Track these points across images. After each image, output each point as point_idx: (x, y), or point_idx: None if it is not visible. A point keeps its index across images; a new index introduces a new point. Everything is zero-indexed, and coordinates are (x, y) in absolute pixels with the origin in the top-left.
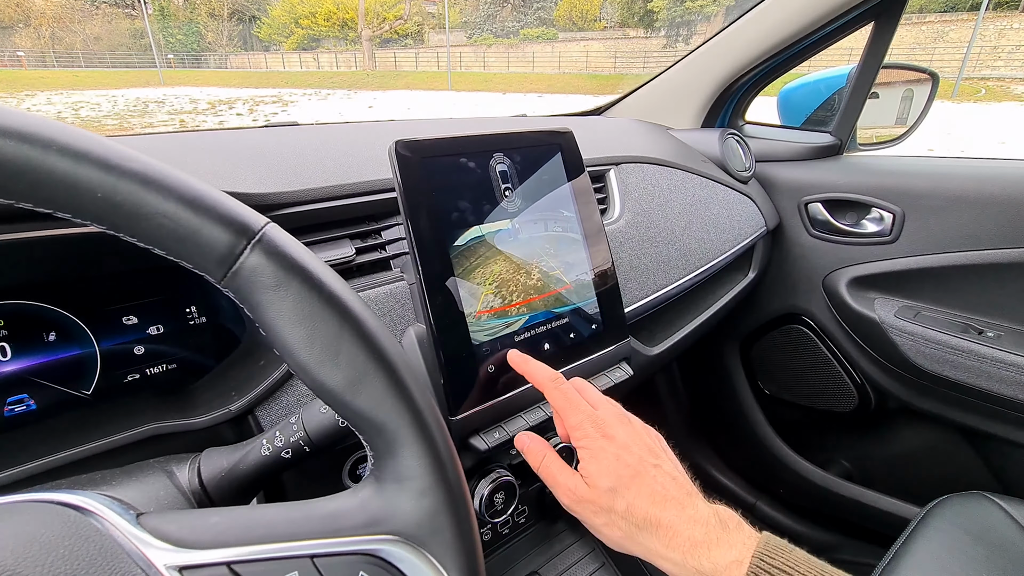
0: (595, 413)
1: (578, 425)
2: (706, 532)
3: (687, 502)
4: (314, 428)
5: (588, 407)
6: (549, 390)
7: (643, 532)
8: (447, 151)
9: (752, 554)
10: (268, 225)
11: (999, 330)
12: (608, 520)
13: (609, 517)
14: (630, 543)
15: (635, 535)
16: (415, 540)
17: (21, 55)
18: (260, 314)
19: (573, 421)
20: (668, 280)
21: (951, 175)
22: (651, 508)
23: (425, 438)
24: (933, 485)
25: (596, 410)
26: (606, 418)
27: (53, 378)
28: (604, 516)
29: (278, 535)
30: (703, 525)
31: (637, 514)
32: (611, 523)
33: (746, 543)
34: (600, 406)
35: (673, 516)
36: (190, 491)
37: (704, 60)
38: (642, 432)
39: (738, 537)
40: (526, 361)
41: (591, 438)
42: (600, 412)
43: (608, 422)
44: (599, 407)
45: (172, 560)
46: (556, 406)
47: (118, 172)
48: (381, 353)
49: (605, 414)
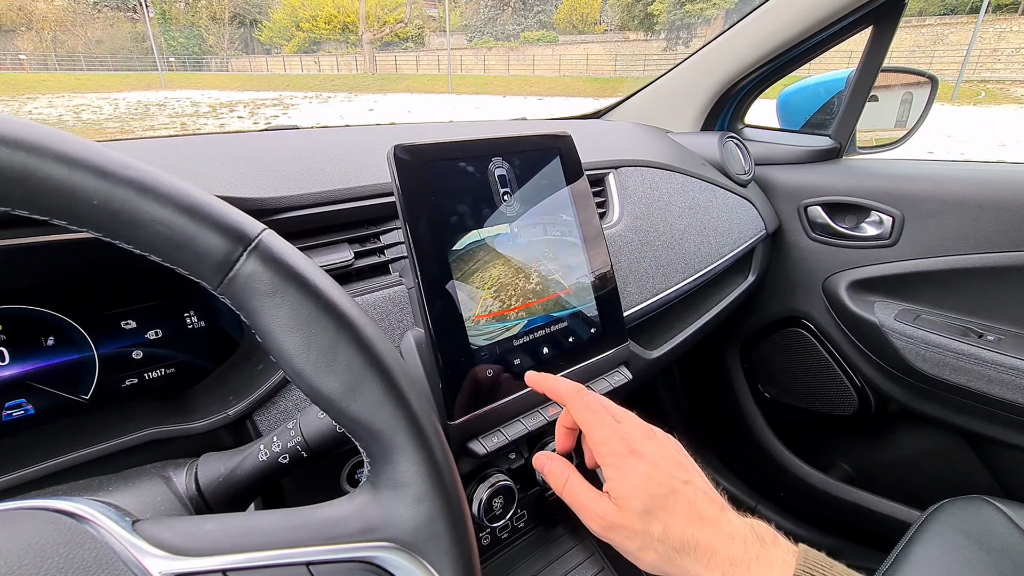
0: (620, 427)
1: (605, 440)
2: (745, 550)
3: (722, 519)
4: (312, 434)
5: (613, 420)
6: (574, 402)
7: (681, 554)
8: (446, 155)
9: (793, 572)
10: (264, 232)
11: (999, 333)
12: (644, 544)
13: (645, 541)
14: (668, 566)
15: (673, 558)
16: (411, 547)
17: (23, 58)
18: (256, 321)
19: (599, 436)
20: (667, 284)
21: (951, 178)
22: (688, 528)
23: (422, 445)
24: (934, 489)
25: (620, 424)
26: (632, 432)
27: (51, 383)
28: (639, 540)
29: (274, 542)
30: (741, 542)
31: (674, 536)
32: (646, 547)
33: (786, 559)
34: (623, 419)
35: (710, 535)
36: (187, 497)
37: (703, 64)
38: (667, 445)
39: (777, 553)
40: (544, 378)
41: (620, 455)
42: (625, 426)
43: (635, 437)
44: (622, 420)
45: (168, 568)
46: (581, 419)
47: (114, 179)
48: (378, 360)
49: (631, 428)
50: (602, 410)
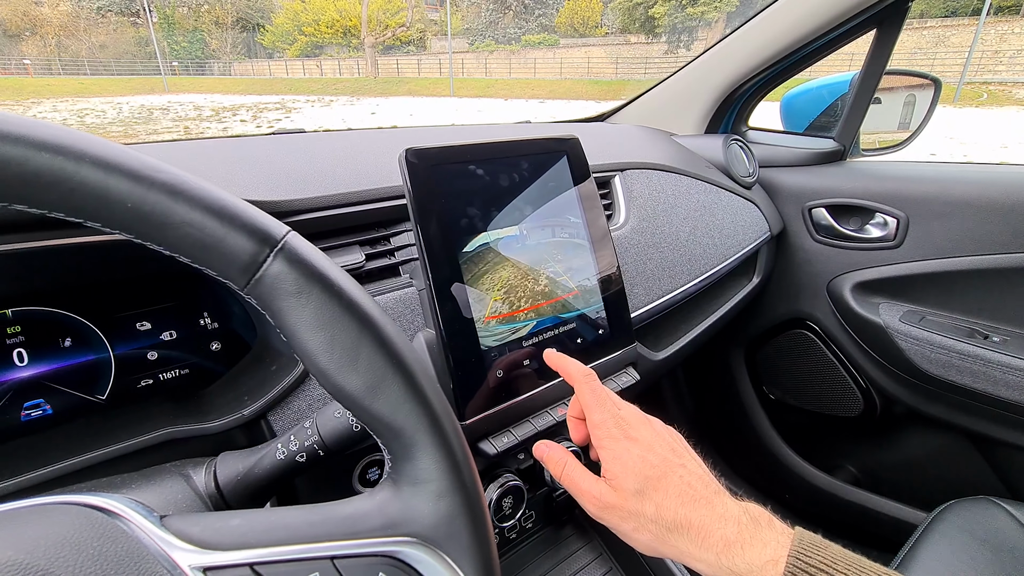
0: (619, 413)
1: (601, 423)
2: (739, 530)
3: (716, 500)
4: (328, 432)
5: (613, 406)
6: (580, 384)
7: (674, 534)
8: (455, 159)
9: (788, 552)
10: (290, 234)
11: (1004, 335)
12: (637, 524)
13: (638, 521)
14: (661, 546)
15: (666, 537)
16: (432, 542)
17: (27, 63)
18: (281, 320)
19: (597, 418)
20: (674, 285)
21: (954, 180)
22: (680, 509)
23: (442, 442)
24: (940, 490)
25: (620, 410)
26: (629, 419)
27: (68, 383)
28: (633, 520)
29: (299, 537)
30: (735, 523)
31: (667, 516)
32: (640, 527)
33: (780, 540)
34: (623, 407)
35: (704, 515)
36: (206, 494)
37: (707, 67)
38: (664, 433)
39: (771, 535)
40: (561, 357)
41: (614, 438)
42: (623, 412)
43: (631, 423)
44: (622, 408)
45: (196, 561)
46: (583, 400)
47: (147, 183)
48: (399, 359)
49: (628, 415)
50: (604, 395)
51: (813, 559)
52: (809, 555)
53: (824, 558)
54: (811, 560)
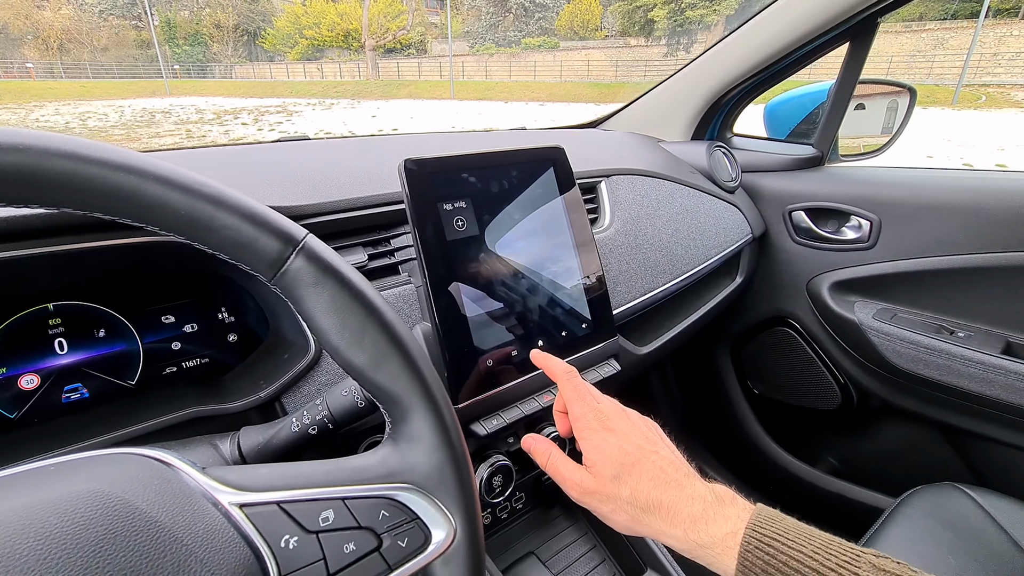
0: (598, 406)
1: (581, 416)
2: (704, 508)
3: (685, 483)
4: (336, 408)
5: (593, 400)
6: (562, 380)
7: (647, 514)
8: (450, 167)
9: (746, 525)
10: (308, 235)
11: (969, 330)
12: (615, 506)
13: (616, 503)
14: (637, 525)
15: (640, 517)
16: (425, 488)
17: (30, 66)
18: (301, 306)
19: (577, 411)
20: (655, 284)
21: (924, 185)
22: (653, 491)
23: (433, 408)
24: (911, 477)
25: (599, 404)
26: (607, 411)
27: (102, 369)
28: (611, 503)
29: (317, 482)
30: (701, 502)
31: (641, 497)
32: (618, 509)
33: (740, 515)
34: (603, 401)
35: (673, 496)
36: (232, 461)
37: (693, 76)
38: (639, 423)
39: (733, 511)
40: (545, 356)
41: (593, 430)
42: (602, 405)
43: (609, 415)
44: (601, 402)
45: (234, 499)
46: (565, 395)
47: (196, 195)
48: (398, 339)
49: (606, 407)
50: (584, 391)
51: (768, 530)
52: (765, 527)
53: (779, 529)
54: (766, 531)
